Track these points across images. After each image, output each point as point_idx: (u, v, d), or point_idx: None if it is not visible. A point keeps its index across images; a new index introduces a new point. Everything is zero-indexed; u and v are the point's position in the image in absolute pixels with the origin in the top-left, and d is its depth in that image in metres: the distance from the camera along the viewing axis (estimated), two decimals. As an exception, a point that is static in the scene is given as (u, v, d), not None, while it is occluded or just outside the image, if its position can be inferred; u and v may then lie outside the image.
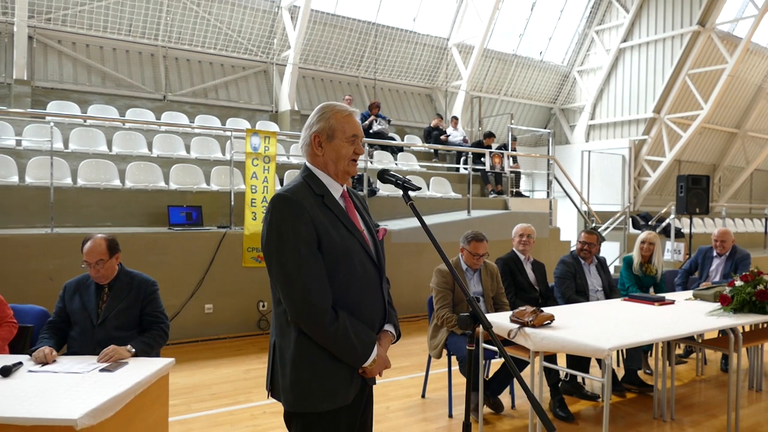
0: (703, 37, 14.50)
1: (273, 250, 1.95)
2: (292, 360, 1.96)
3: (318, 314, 1.91)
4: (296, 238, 1.92)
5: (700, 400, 4.93)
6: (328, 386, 1.96)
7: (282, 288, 1.94)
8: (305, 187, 2.04)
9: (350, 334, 1.95)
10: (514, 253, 5.19)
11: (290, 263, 1.91)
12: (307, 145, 2.11)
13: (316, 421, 1.98)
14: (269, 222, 1.97)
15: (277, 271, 1.95)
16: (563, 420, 4.33)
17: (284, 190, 2.02)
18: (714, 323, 4.09)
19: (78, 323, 3.24)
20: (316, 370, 1.96)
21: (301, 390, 1.95)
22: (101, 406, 2.35)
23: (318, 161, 2.10)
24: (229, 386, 4.99)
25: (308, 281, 1.91)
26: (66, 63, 9.77)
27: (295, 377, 1.96)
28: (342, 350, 1.96)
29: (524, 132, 15.81)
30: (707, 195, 10.73)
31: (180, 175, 7.74)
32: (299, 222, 1.93)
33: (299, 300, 1.91)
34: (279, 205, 1.96)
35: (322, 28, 12.22)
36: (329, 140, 2.07)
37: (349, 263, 2.00)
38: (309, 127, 2.11)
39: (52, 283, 5.52)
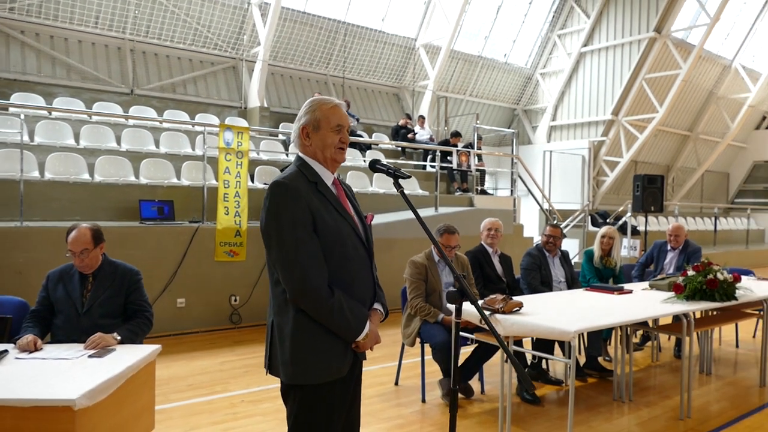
0: (659, 44, 15.09)
1: (272, 232, 2.08)
2: (290, 336, 2.09)
3: (315, 291, 2.05)
4: (293, 221, 2.05)
5: (656, 383, 5.24)
6: (324, 360, 2.10)
7: (281, 268, 2.07)
8: (300, 174, 2.17)
9: (345, 310, 2.10)
10: (483, 246, 5.39)
11: (288, 244, 2.05)
12: (297, 137, 2.25)
13: (314, 393, 2.11)
14: (268, 207, 2.10)
15: (276, 252, 2.08)
16: (530, 402, 4.56)
17: (281, 177, 2.15)
18: (668, 309, 4.38)
19: (62, 312, 3.28)
20: (313, 345, 2.09)
21: (299, 363, 2.09)
22: (97, 387, 2.43)
23: (308, 151, 2.23)
24: (205, 377, 5.06)
25: (305, 261, 2.04)
26: (30, 54, 9.59)
27: (293, 352, 2.09)
28: (337, 325, 2.10)
29: (489, 132, 16.16)
30: (662, 194, 11.21)
31: (150, 169, 7.71)
32: (296, 206, 2.07)
33: (297, 278, 2.04)
34: (277, 191, 2.10)
35: (292, 26, 12.27)
36: (316, 131, 2.21)
37: (342, 245, 2.14)
38: (298, 120, 2.26)
39: (21, 276, 5.49)
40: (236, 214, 6.87)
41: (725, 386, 5.15)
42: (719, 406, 4.64)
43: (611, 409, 4.52)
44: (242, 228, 6.89)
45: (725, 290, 4.64)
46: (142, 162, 7.72)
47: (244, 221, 6.92)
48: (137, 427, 2.91)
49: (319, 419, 2.14)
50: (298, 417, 2.14)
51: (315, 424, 2.14)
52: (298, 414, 2.14)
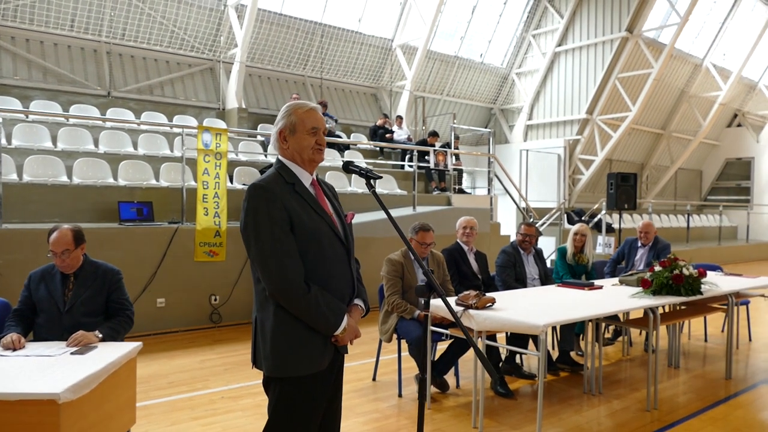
0: (631, 43, 15.40)
1: (250, 232, 2.20)
2: (271, 330, 2.20)
3: (291, 287, 2.16)
4: (270, 221, 2.17)
5: (625, 377, 5.42)
6: (304, 353, 2.21)
7: (259, 265, 2.19)
8: (278, 176, 2.29)
9: (321, 304, 2.20)
10: (459, 244, 5.52)
11: (266, 243, 2.16)
12: (275, 140, 2.36)
13: (294, 385, 2.22)
14: (246, 208, 2.22)
15: (255, 250, 2.19)
16: (503, 396, 4.70)
17: (258, 180, 2.26)
18: (635, 304, 4.55)
19: (44, 311, 3.34)
20: (293, 339, 2.20)
21: (280, 357, 2.20)
22: (80, 382, 2.52)
23: (286, 153, 2.34)
24: (185, 375, 5.13)
25: (282, 258, 2.16)
26: (5, 57, 9.53)
27: (274, 346, 2.20)
28: (315, 319, 2.20)
29: (466, 131, 16.34)
30: (635, 192, 11.47)
31: (129, 171, 7.74)
32: (272, 206, 2.18)
33: (275, 275, 2.15)
34: (254, 193, 2.21)
35: (269, 27, 12.32)
36: (292, 134, 2.31)
37: (318, 243, 2.25)
38: (276, 124, 2.36)
39: (1, 278, 5.51)
40: (215, 215, 6.94)
41: (692, 379, 5.32)
42: (686, 397, 4.80)
43: (581, 401, 4.68)
44: (222, 228, 6.96)
45: (691, 285, 4.80)
46: (120, 164, 7.75)
47: (224, 222, 6.99)
48: (119, 421, 3.00)
49: (298, 411, 2.23)
50: (278, 408, 2.24)
51: (294, 415, 2.23)
52: (277, 405, 2.24)
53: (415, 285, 4.75)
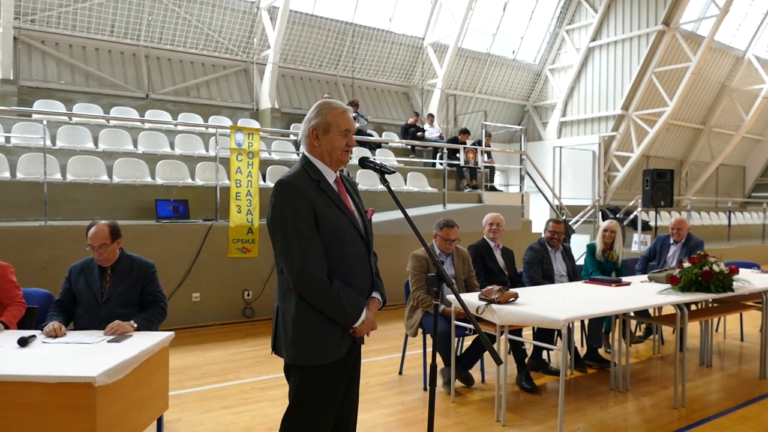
0: (667, 37, 15.09)
1: (277, 226, 2.30)
2: (292, 320, 2.30)
3: (315, 280, 2.25)
4: (296, 216, 2.25)
5: (655, 375, 5.37)
6: (323, 343, 2.31)
7: (284, 259, 2.28)
8: (304, 173, 2.36)
9: (342, 298, 2.29)
10: (485, 240, 5.56)
11: (291, 237, 2.25)
12: (306, 136, 2.41)
13: (313, 373, 2.32)
14: (273, 203, 2.31)
15: (280, 244, 2.29)
16: (528, 391, 4.73)
17: (285, 176, 2.34)
18: (662, 300, 4.52)
19: (84, 302, 3.54)
20: (313, 329, 2.30)
21: (300, 346, 2.30)
22: (115, 367, 2.68)
23: (315, 151, 2.41)
24: (217, 367, 5.31)
25: (307, 252, 2.24)
26: (50, 63, 9.96)
27: (295, 335, 2.30)
28: (335, 312, 2.30)
29: (498, 129, 16.28)
30: (672, 188, 11.28)
31: (166, 170, 8.01)
32: (298, 202, 2.26)
33: (299, 268, 2.25)
34: (281, 189, 2.30)
35: (301, 28, 12.52)
36: (325, 133, 2.38)
37: (341, 239, 2.33)
38: (308, 121, 2.40)
39: (46, 272, 5.80)
40: (248, 212, 7.12)
41: (725, 378, 5.24)
42: (716, 396, 4.74)
43: (607, 398, 4.66)
44: (254, 225, 7.14)
45: (721, 282, 4.75)
46: (157, 163, 8.02)
47: (256, 219, 7.17)
48: (152, 406, 3.16)
49: (317, 397, 2.34)
50: (298, 395, 2.35)
51: (313, 401, 2.34)
52: (297, 392, 2.35)
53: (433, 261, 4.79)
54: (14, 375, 2.59)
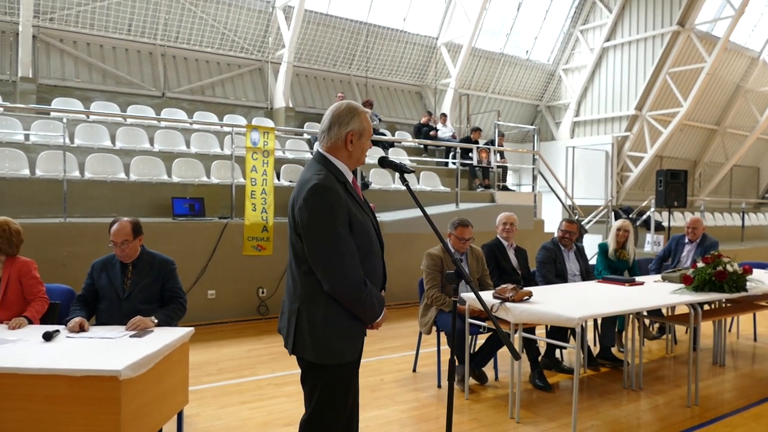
0: (682, 37, 15.01)
1: (316, 230, 2.27)
2: (323, 322, 2.33)
3: (355, 285, 2.29)
4: (335, 221, 2.26)
5: (668, 374, 5.38)
6: (349, 342, 2.38)
7: (323, 262, 2.27)
8: (332, 175, 2.36)
9: (373, 298, 2.36)
10: (498, 239, 5.59)
11: (330, 242, 2.25)
12: (340, 140, 2.38)
13: (337, 372, 2.38)
14: (312, 207, 2.26)
15: (319, 248, 2.27)
16: (541, 389, 4.76)
17: (320, 180, 2.29)
18: (675, 299, 4.54)
19: (106, 297, 3.61)
20: (341, 329, 2.35)
21: (330, 346, 2.34)
22: (139, 361, 2.74)
23: (343, 154, 2.40)
24: (234, 363, 5.39)
25: (346, 257, 2.27)
26: (68, 61, 10.10)
27: (326, 336, 2.33)
28: (366, 312, 2.36)
29: (511, 128, 16.26)
30: (685, 189, 11.23)
31: (182, 168, 8.10)
32: (337, 206, 2.28)
33: (339, 273, 2.26)
34: (321, 193, 2.26)
35: (316, 28, 12.59)
36: (359, 138, 2.41)
37: (368, 239, 2.39)
38: (343, 124, 2.38)
39: (65, 268, 5.89)
40: (263, 211, 7.20)
41: (738, 377, 5.25)
42: (730, 395, 4.75)
43: (621, 396, 4.69)
44: (269, 224, 7.21)
45: (735, 282, 4.76)
46: (174, 161, 8.12)
47: (271, 217, 7.24)
48: (173, 400, 3.22)
49: (340, 396, 2.41)
50: (324, 394, 2.38)
51: (337, 400, 2.40)
52: (323, 392, 2.38)
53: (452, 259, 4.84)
54: (41, 368, 2.66)
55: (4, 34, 9.50)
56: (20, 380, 2.64)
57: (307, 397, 2.45)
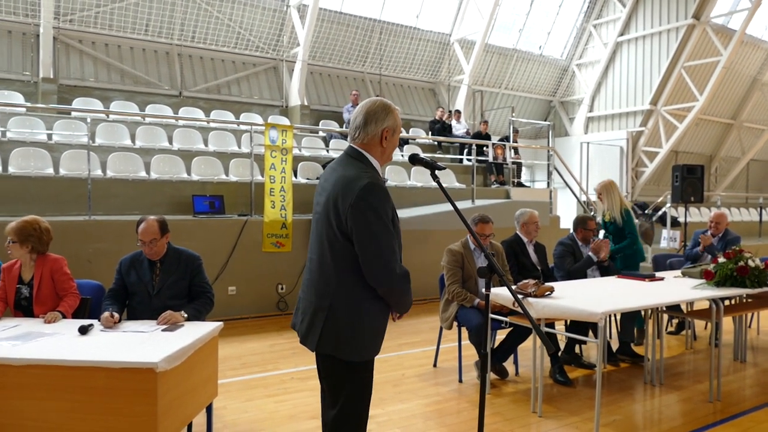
0: (698, 30, 14.90)
1: (373, 229, 2.28)
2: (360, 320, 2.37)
3: (402, 278, 2.36)
4: (388, 219, 2.32)
5: (688, 369, 5.39)
6: (380, 339, 2.46)
7: (374, 259, 2.29)
8: (375, 172, 2.41)
9: (410, 292, 2.44)
10: (518, 236, 5.59)
11: (384, 239, 2.29)
12: (376, 136, 2.41)
13: (368, 367, 2.45)
14: (369, 205, 2.27)
15: (373, 246, 2.28)
16: (562, 384, 4.79)
17: (372, 179, 2.32)
18: (697, 294, 4.54)
19: (136, 294, 3.69)
20: (376, 326, 2.42)
21: (366, 342, 2.39)
22: (174, 354, 2.82)
23: (377, 151, 2.44)
24: (256, 357, 5.47)
25: (394, 253, 2.33)
26: (87, 62, 10.23)
27: (365, 333, 2.38)
28: (403, 304, 2.44)
29: (525, 124, 16.24)
30: (702, 184, 11.14)
31: (201, 166, 8.20)
32: (388, 205, 2.34)
33: (393, 270, 2.31)
34: (377, 191, 2.29)
35: (329, 26, 12.65)
36: (392, 135, 2.45)
37: (400, 237, 2.45)
38: (380, 120, 2.41)
39: (90, 265, 6.00)
40: (282, 208, 7.27)
41: (759, 373, 5.24)
42: (751, 391, 4.75)
43: (641, 391, 4.71)
44: (288, 221, 7.28)
45: (757, 277, 4.75)
46: (193, 160, 8.22)
47: (290, 214, 7.31)
48: (204, 392, 3.30)
49: (368, 389, 2.47)
50: (354, 389, 2.43)
51: (366, 393, 2.47)
52: (356, 387, 2.43)
53: (474, 275, 4.88)
54: (80, 360, 2.74)
55: (25, 36, 9.65)
56: (59, 372, 2.73)
57: (332, 394, 2.46)
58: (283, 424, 3.90)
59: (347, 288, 2.37)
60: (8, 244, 3.65)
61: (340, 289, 2.37)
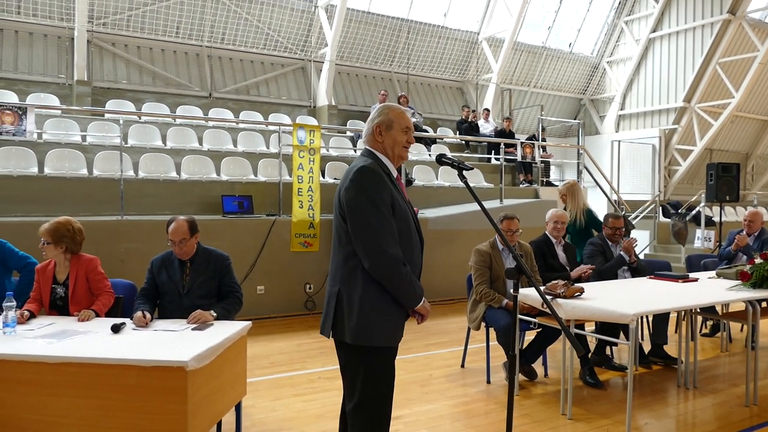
0: (733, 26, 14.54)
1: (361, 208, 2.38)
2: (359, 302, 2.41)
3: (393, 260, 2.37)
4: (380, 200, 2.38)
5: (723, 372, 5.26)
6: (389, 326, 2.46)
7: (363, 240, 2.37)
8: (376, 163, 2.50)
9: (412, 279, 2.44)
10: (546, 236, 5.52)
11: (374, 220, 2.36)
12: (370, 133, 2.58)
13: (382, 356, 2.46)
14: (356, 188, 2.40)
15: (361, 226, 2.38)
16: (592, 386, 4.71)
17: (366, 163, 2.46)
18: (732, 296, 4.42)
19: (167, 293, 3.74)
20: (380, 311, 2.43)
21: (368, 327, 2.41)
22: (203, 353, 2.85)
23: (379, 146, 2.57)
24: (284, 357, 5.51)
25: (388, 236, 2.36)
26: (120, 64, 10.44)
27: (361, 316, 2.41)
28: (406, 292, 2.44)
29: (554, 123, 16.04)
30: (737, 183, 10.88)
31: (230, 167, 8.30)
32: (382, 188, 2.40)
33: (378, 249, 2.35)
34: (367, 174, 2.42)
35: (357, 26, 12.68)
36: (388, 130, 2.55)
37: (408, 228, 2.47)
38: (371, 120, 2.59)
39: (123, 264, 6.12)
40: (310, 208, 7.31)
41: (799, 376, 5.11)
42: (790, 394, 4.64)
43: (674, 394, 4.61)
44: (315, 220, 7.32)
45: (795, 278, 4.62)
46: (222, 160, 8.32)
47: (317, 214, 7.35)
48: (233, 391, 3.34)
49: (386, 382, 2.47)
50: (367, 379, 2.45)
51: (384, 386, 2.47)
52: (369, 374, 2.45)
53: (502, 275, 4.84)
54: (112, 358, 2.79)
55: (60, 40, 9.90)
56: (92, 369, 2.78)
57: (348, 386, 2.52)
58: (311, 423, 3.92)
59: (351, 272, 2.44)
60: (43, 245, 3.74)
61: (345, 274, 2.47)
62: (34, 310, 3.65)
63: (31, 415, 2.82)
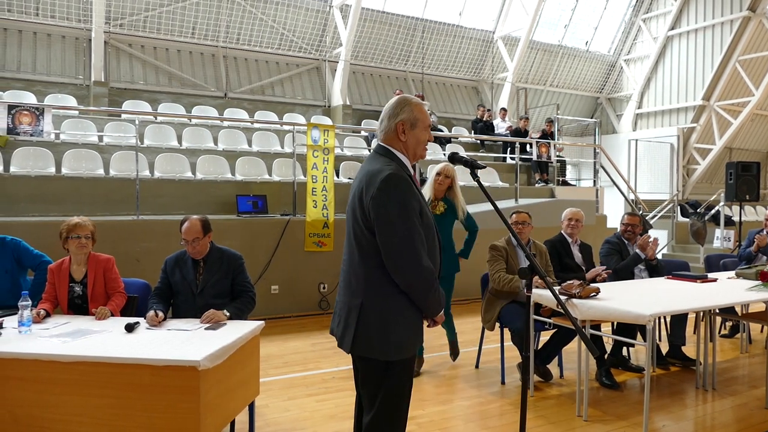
0: (753, 23, 14.31)
1: (394, 221, 2.24)
2: (392, 317, 2.31)
3: (429, 275, 2.28)
4: (411, 211, 2.25)
5: (743, 374, 5.17)
6: (415, 336, 2.38)
7: (396, 251, 2.24)
8: (398, 166, 2.35)
9: (439, 290, 2.35)
10: (562, 235, 5.46)
11: (407, 232, 2.23)
12: (391, 131, 2.39)
13: (406, 367, 2.38)
14: (390, 196, 2.24)
15: (395, 238, 2.24)
16: (609, 388, 4.65)
17: (393, 170, 2.29)
18: (751, 297, 4.34)
19: (181, 293, 3.75)
20: (409, 323, 2.35)
21: (402, 341, 2.33)
22: (216, 352, 2.85)
23: (399, 145, 2.40)
24: (298, 356, 5.50)
25: (420, 248, 2.25)
26: (136, 65, 10.54)
27: (398, 331, 2.32)
28: (433, 305, 2.35)
29: (570, 122, 15.91)
30: (758, 182, 10.71)
31: (245, 167, 8.32)
32: (412, 197, 2.27)
33: (416, 263, 2.24)
34: (397, 182, 2.25)
35: (372, 25, 12.68)
36: (412, 128, 2.39)
37: (432, 234, 2.37)
38: (394, 116, 2.39)
39: (138, 263, 6.16)
40: (324, 207, 7.31)
41: (820, 378, 5.01)
42: (811, 396, 4.55)
43: (693, 396, 4.54)
44: (329, 220, 7.32)
45: (816, 278, 4.54)
46: (237, 160, 8.35)
47: (331, 214, 7.34)
48: (246, 390, 3.33)
49: (408, 391, 2.42)
50: (392, 390, 2.36)
51: (406, 395, 2.42)
52: (393, 388, 2.36)
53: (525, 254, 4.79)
54: (126, 357, 2.80)
55: (78, 41, 10.02)
56: (106, 368, 2.79)
57: (369, 398, 2.40)
58: (325, 423, 3.91)
59: (376, 284, 2.31)
60: (83, 240, 3.77)
61: (369, 286, 2.33)
62: (48, 309, 3.68)
63: (45, 414, 2.84)
